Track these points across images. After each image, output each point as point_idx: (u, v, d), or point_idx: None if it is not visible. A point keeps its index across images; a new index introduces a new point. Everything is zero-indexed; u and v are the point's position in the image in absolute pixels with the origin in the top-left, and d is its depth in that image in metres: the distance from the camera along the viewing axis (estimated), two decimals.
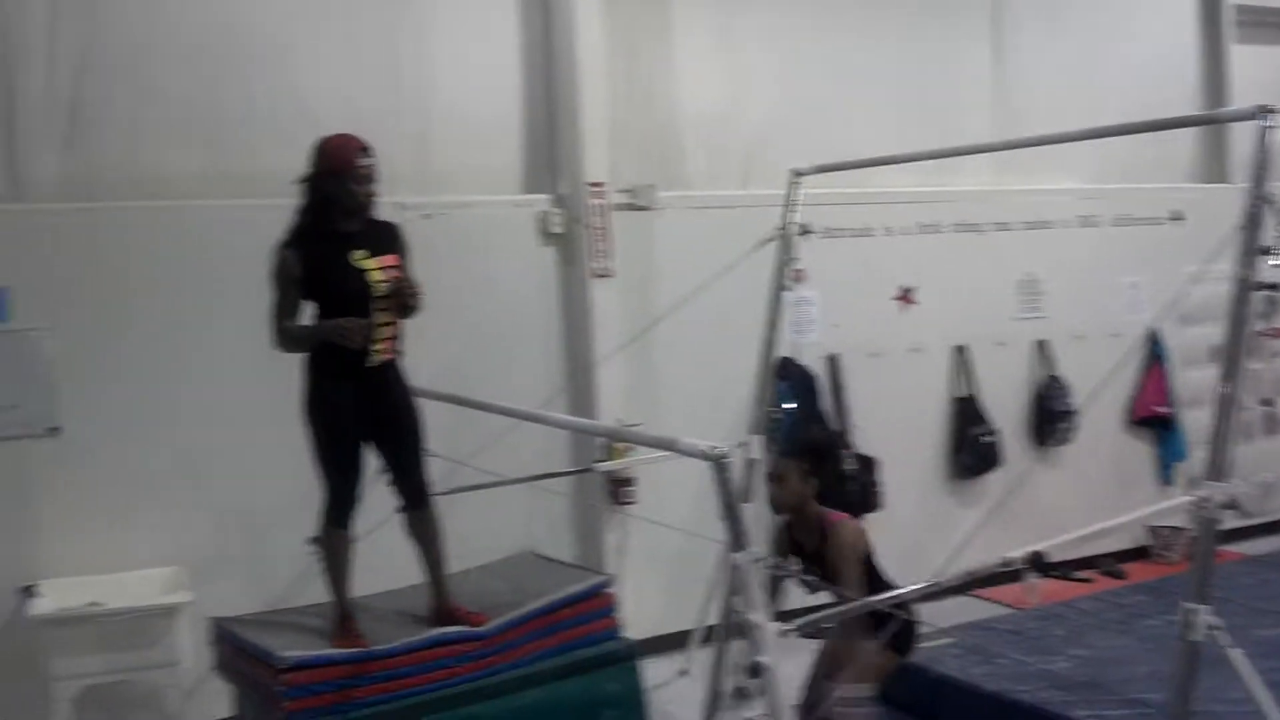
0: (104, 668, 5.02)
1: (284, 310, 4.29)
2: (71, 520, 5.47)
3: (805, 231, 5.86)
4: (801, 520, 4.77)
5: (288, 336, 4.30)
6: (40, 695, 5.13)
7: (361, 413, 4.34)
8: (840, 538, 4.65)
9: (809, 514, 4.74)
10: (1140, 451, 8.25)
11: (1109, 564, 7.78)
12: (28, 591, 5.16)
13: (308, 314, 4.36)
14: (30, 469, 5.42)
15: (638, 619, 5.98)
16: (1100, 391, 4.52)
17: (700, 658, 6.10)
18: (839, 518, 4.74)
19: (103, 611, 4.99)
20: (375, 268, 4.30)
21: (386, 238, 4.43)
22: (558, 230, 6.51)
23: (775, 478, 4.83)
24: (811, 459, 4.80)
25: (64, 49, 5.47)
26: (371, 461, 4.53)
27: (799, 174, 5.85)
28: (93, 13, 5.52)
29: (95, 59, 5.53)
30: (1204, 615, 3.78)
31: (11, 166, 5.43)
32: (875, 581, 4.69)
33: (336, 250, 4.28)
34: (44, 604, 5.05)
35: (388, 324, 4.33)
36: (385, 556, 5.04)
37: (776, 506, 4.81)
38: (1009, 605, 7.07)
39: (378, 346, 4.31)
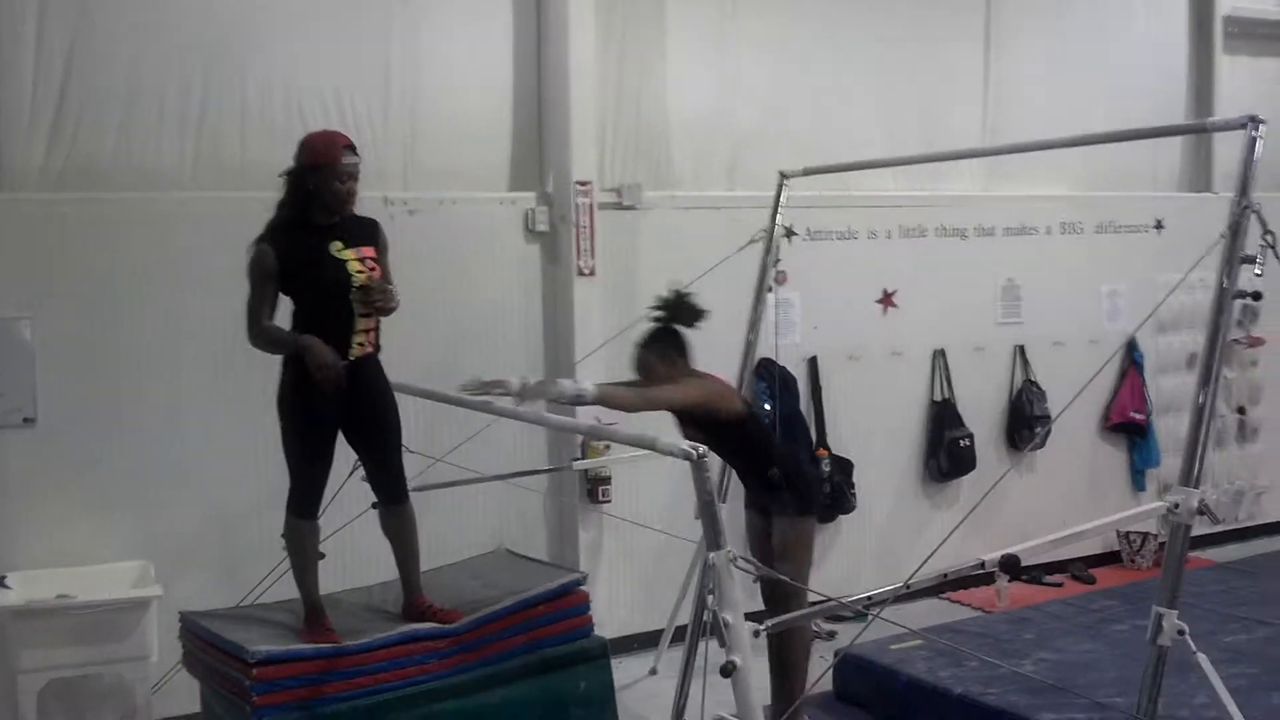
0: (72, 661, 4.98)
1: (260, 306, 4.27)
2: (43, 512, 5.44)
3: (789, 233, 5.88)
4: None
5: (265, 337, 4.29)
6: (7, 688, 5.12)
7: (338, 407, 4.33)
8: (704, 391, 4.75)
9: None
10: (1114, 457, 8.31)
11: (1079, 568, 7.85)
12: None
13: (285, 309, 4.34)
14: (4, 459, 5.39)
15: (609, 617, 6.01)
16: (1077, 397, 4.53)
17: (670, 657, 6.12)
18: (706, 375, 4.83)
19: (72, 604, 4.95)
20: (354, 259, 4.30)
21: (365, 232, 4.44)
22: (543, 228, 6.51)
23: (642, 372, 4.85)
24: (660, 340, 4.85)
25: (53, 38, 5.43)
26: (344, 456, 4.52)
27: (785, 176, 5.87)
28: (82, 2, 5.49)
29: (84, 48, 5.49)
30: (1172, 620, 3.81)
31: None
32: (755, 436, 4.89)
33: (315, 242, 4.28)
34: (12, 596, 5.02)
35: (365, 317, 4.32)
36: (357, 552, 5.05)
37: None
38: (979, 609, 7.13)
39: (358, 340, 4.30)
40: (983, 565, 5.86)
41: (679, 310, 4.85)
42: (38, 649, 4.90)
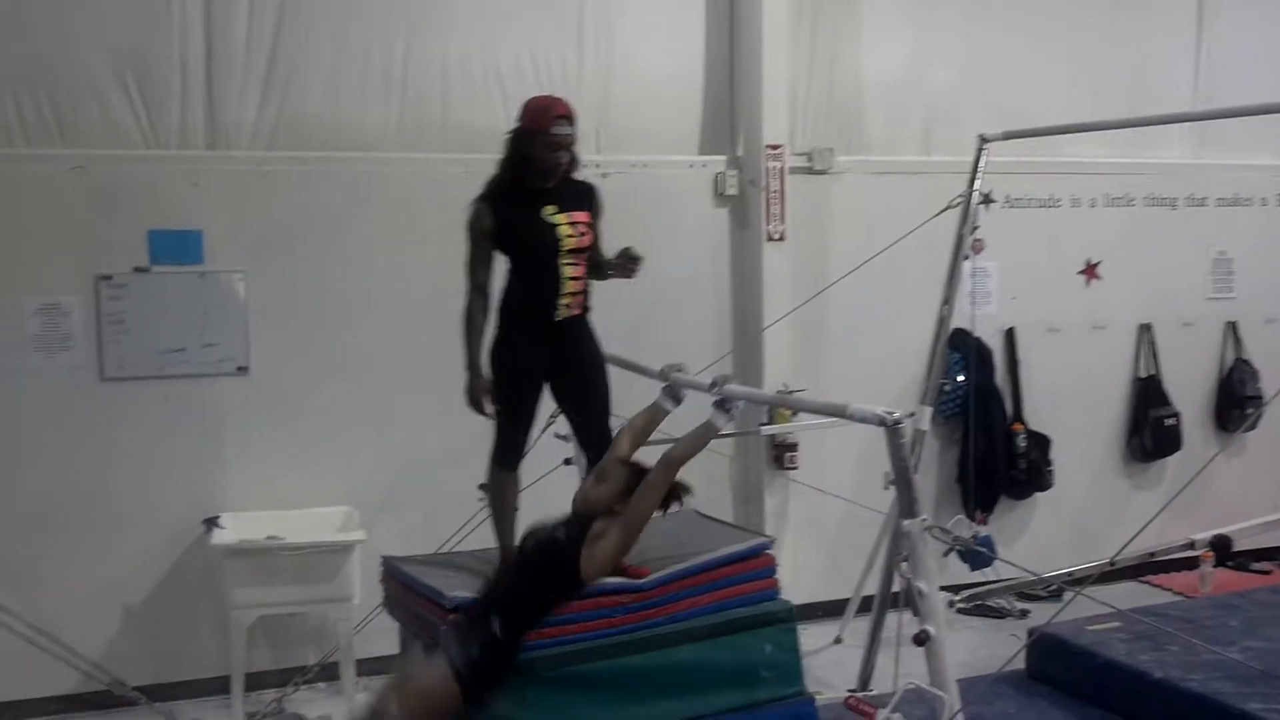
0: (280, 600, 5.25)
1: (476, 262, 4.37)
2: (253, 457, 5.72)
3: (987, 200, 5.70)
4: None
5: (467, 323, 4.36)
6: (219, 622, 5.41)
7: (546, 365, 4.41)
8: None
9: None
10: None
11: None
12: (210, 523, 5.41)
13: (501, 267, 4.42)
14: (219, 406, 5.68)
15: (794, 585, 5.94)
16: None
17: (855, 626, 6.05)
18: None
19: (281, 545, 5.19)
20: (565, 223, 4.36)
21: (581, 196, 4.48)
22: (732, 192, 6.48)
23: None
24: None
25: (265, 2, 5.65)
26: (541, 412, 4.59)
27: (985, 140, 5.69)
28: None
29: (294, 12, 5.70)
30: None
31: (211, 115, 5.65)
32: None
33: (529, 205, 4.34)
34: (225, 535, 5.29)
35: (574, 280, 4.38)
36: (548, 507, 5.13)
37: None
38: (1180, 593, 6.84)
39: (564, 301, 4.37)
40: (1192, 545, 5.66)
41: None
42: (248, 587, 5.16)
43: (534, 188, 4.36)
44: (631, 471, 3.86)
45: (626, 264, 4.49)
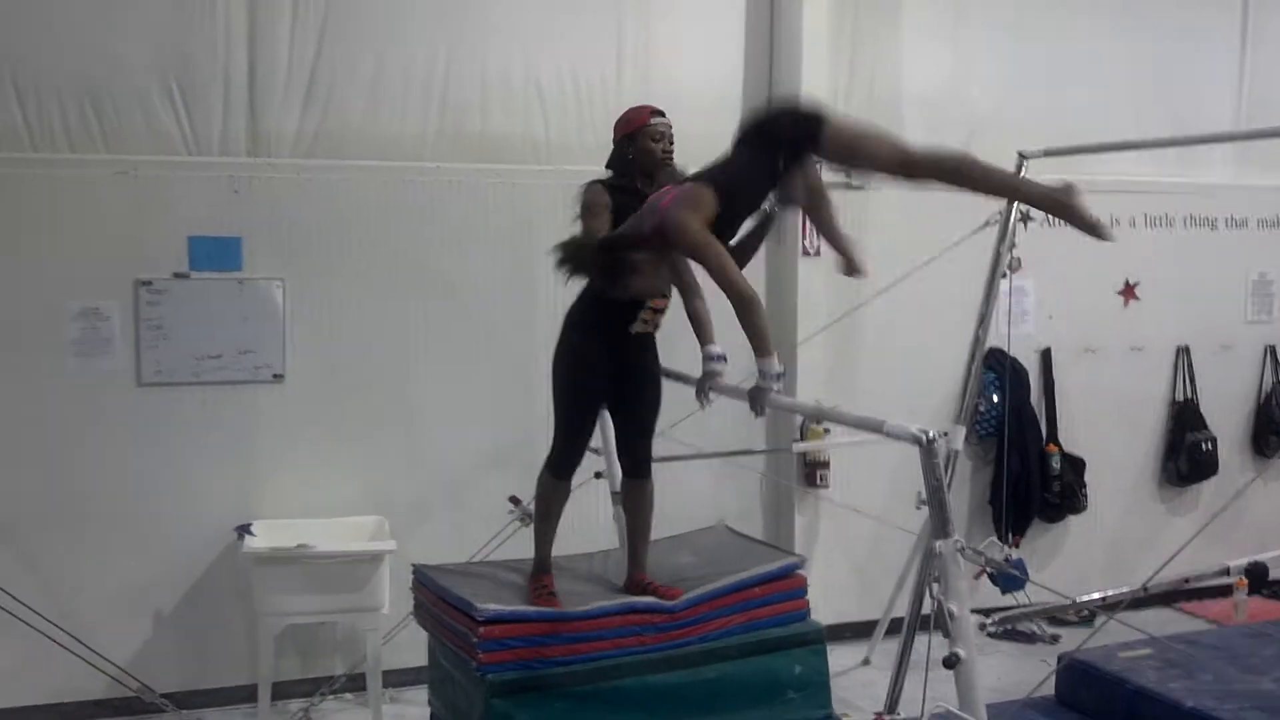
0: (309, 608, 5.25)
1: (597, 228, 4.33)
2: (287, 465, 5.74)
3: (1026, 218, 5.67)
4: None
5: (606, 244, 4.11)
6: (248, 630, 5.43)
7: (611, 376, 4.40)
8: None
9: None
10: None
11: None
12: (243, 530, 5.43)
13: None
14: (254, 413, 5.70)
15: (823, 604, 5.91)
16: None
17: (885, 648, 6.01)
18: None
19: (312, 554, 5.19)
20: None
21: None
22: (768, 206, 6.44)
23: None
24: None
25: (307, 11, 5.68)
26: None
27: (1025, 157, 5.65)
28: None
29: (337, 23, 5.72)
30: None
31: (253, 123, 5.68)
32: None
33: (633, 207, 4.30)
34: (257, 543, 5.30)
35: (659, 298, 4.40)
36: (585, 519, 5.13)
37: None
38: (1213, 621, 6.75)
39: (645, 315, 4.39)
40: (1227, 571, 5.59)
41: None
42: (278, 595, 5.17)
43: (641, 192, 4.38)
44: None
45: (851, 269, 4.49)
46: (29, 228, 5.38)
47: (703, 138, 6.38)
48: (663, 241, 3.92)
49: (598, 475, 5.19)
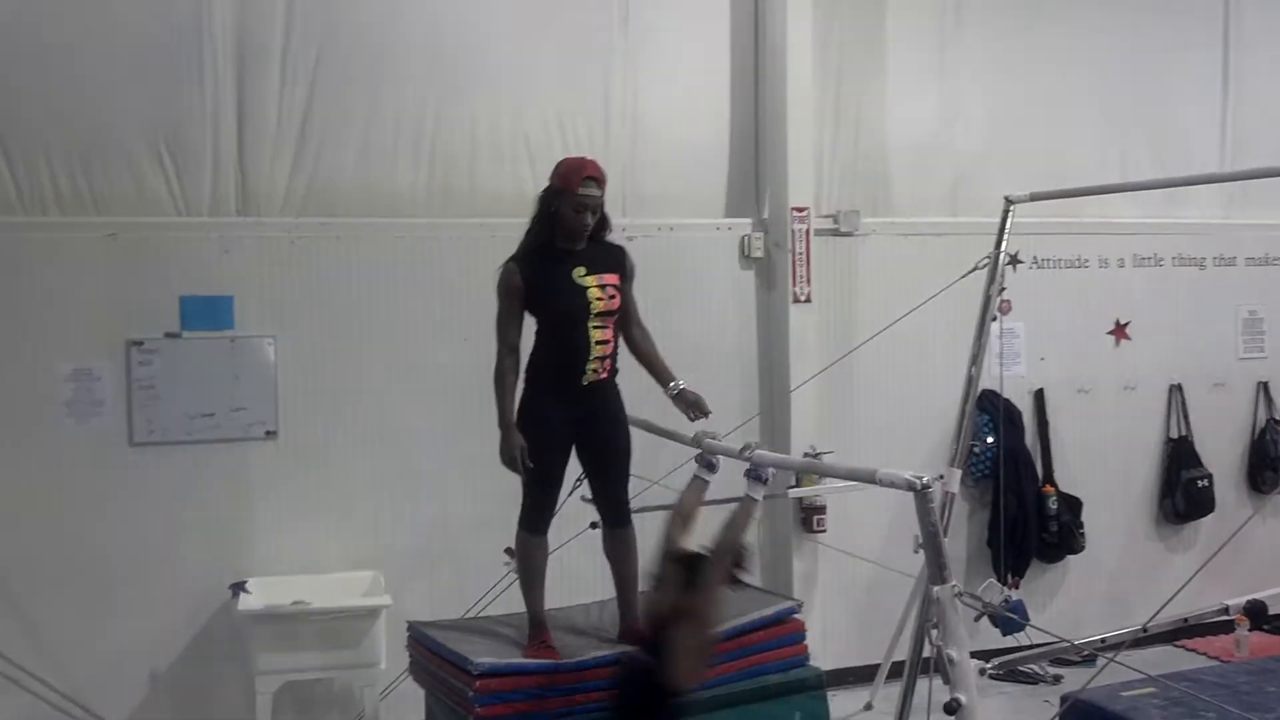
0: (306, 665, 5.21)
1: (506, 323, 4.38)
2: (281, 522, 5.72)
3: (1015, 261, 5.70)
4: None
5: (498, 381, 4.36)
6: (245, 687, 5.38)
7: (571, 429, 4.41)
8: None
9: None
10: None
11: None
12: (237, 587, 5.40)
13: (530, 327, 4.44)
14: (247, 471, 5.69)
15: (823, 650, 5.90)
16: None
17: (886, 693, 5.97)
18: None
19: (308, 611, 5.16)
20: (594, 285, 4.36)
21: (611, 258, 4.49)
22: (758, 255, 6.49)
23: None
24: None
25: (296, 69, 5.73)
26: (569, 476, 4.59)
27: (1012, 201, 5.69)
28: (324, 34, 5.77)
29: (325, 79, 5.77)
30: None
31: (243, 183, 5.71)
32: None
33: (559, 267, 4.36)
34: (253, 600, 5.27)
35: (602, 344, 4.38)
36: (574, 570, 5.11)
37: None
38: (1215, 658, 6.71)
39: (592, 365, 4.37)
40: (1226, 610, 5.57)
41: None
42: (275, 653, 5.12)
43: (564, 249, 4.38)
44: (685, 567, 3.92)
45: (690, 408, 4.55)
46: (20, 290, 5.40)
47: (688, 192, 6.50)
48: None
49: (593, 525, 5.17)
